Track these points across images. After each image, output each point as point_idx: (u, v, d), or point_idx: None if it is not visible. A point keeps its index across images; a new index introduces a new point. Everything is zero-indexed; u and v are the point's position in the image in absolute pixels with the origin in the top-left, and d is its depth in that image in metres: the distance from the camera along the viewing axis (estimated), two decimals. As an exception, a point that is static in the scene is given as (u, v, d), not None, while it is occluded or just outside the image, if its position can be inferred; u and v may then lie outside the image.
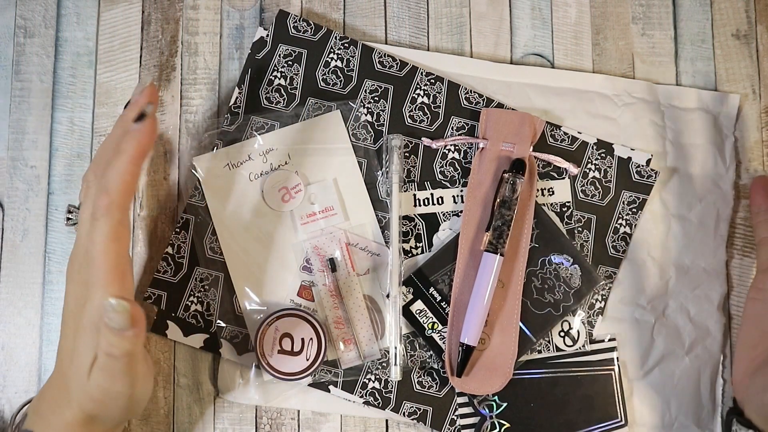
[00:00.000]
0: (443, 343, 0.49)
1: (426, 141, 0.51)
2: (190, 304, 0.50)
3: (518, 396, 0.50)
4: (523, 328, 0.49)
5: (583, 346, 0.50)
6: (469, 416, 0.49)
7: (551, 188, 0.51)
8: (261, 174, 0.51)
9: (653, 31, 0.55)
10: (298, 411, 0.50)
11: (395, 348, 0.48)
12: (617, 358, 0.51)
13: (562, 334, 0.50)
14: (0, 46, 0.54)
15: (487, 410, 0.49)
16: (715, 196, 0.53)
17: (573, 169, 0.51)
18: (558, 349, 0.50)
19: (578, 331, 0.50)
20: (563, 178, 0.52)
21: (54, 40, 0.54)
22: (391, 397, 0.50)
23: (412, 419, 0.49)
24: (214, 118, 0.53)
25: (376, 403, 0.49)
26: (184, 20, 0.55)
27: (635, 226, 0.52)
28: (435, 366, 0.50)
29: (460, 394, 0.49)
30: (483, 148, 0.50)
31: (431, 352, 0.50)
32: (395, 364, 0.48)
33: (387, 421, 0.50)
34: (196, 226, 0.51)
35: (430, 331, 0.49)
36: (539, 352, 0.50)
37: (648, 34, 0.55)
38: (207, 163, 0.51)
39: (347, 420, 0.50)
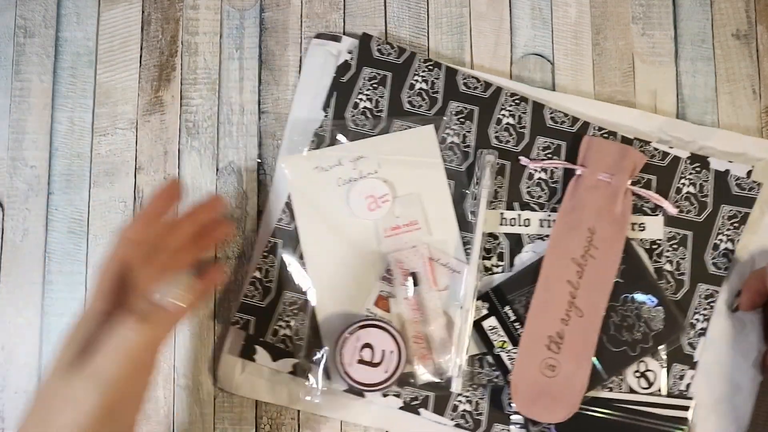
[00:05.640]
0: (511, 363, 0.48)
1: (524, 160, 0.50)
2: (278, 328, 0.49)
3: (576, 430, 0.47)
4: (596, 362, 0.47)
5: (659, 390, 0.48)
6: None
7: (642, 224, 0.50)
8: (349, 180, 0.50)
9: (653, 31, 0.55)
10: (298, 411, 0.50)
11: (458, 359, 0.47)
12: (690, 419, 0.48)
13: (638, 374, 0.48)
14: (0, 46, 0.54)
15: None
16: None
17: (671, 209, 0.49)
18: (631, 390, 0.48)
19: (656, 374, 0.48)
20: (656, 215, 0.50)
21: (54, 40, 0.54)
22: (482, 419, 0.48)
23: None
24: (306, 122, 0.52)
25: (467, 425, 0.48)
26: (184, 20, 0.55)
27: (737, 241, 0.50)
28: (500, 385, 0.49)
29: (515, 415, 0.48)
30: (580, 175, 0.49)
31: (499, 371, 0.49)
32: (457, 376, 0.47)
33: (387, 421, 0.50)
34: (283, 250, 0.50)
35: (499, 349, 0.48)
36: (610, 389, 0.48)
37: (648, 34, 0.55)
38: (296, 163, 0.51)
39: (347, 421, 0.50)
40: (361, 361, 0.47)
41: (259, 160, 0.53)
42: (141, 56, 0.54)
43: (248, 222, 0.52)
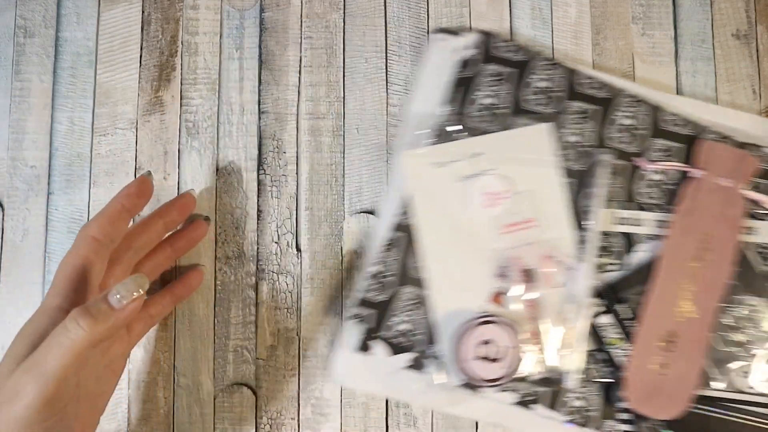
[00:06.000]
0: (624, 360, 0.49)
1: (639, 161, 0.51)
2: (396, 323, 0.50)
3: (685, 427, 0.48)
4: (706, 361, 0.48)
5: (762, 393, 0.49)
6: None
7: (753, 228, 0.50)
8: (467, 177, 0.51)
9: (653, 31, 0.55)
10: (298, 411, 0.50)
11: (575, 356, 0.48)
12: None
13: (746, 374, 0.49)
14: (0, 46, 0.54)
15: None
16: None
17: None
18: (739, 390, 0.49)
19: (764, 374, 0.49)
20: (767, 220, 0.51)
21: (54, 40, 0.54)
22: (594, 415, 0.49)
23: None
24: (426, 116, 0.52)
25: (579, 421, 0.49)
26: (184, 20, 0.55)
27: None
28: (612, 381, 0.49)
29: (625, 411, 0.49)
30: (697, 178, 0.50)
31: (611, 368, 0.49)
32: (573, 373, 0.48)
33: (387, 419, 0.50)
34: (404, 245, 0.50)
35: (612, 346, 0.49)
36: (718, 388, 0.49)
37: (648, 34, 0.55)
38: (415, 159, 0.51)
39: (347, 420, 0.50)
40: (481, 357, 0.47)
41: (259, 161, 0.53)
42: (141, 56, 0.54)
43: (248, 222, 0.52)
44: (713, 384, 0.49)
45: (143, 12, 0.55)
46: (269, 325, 0.51)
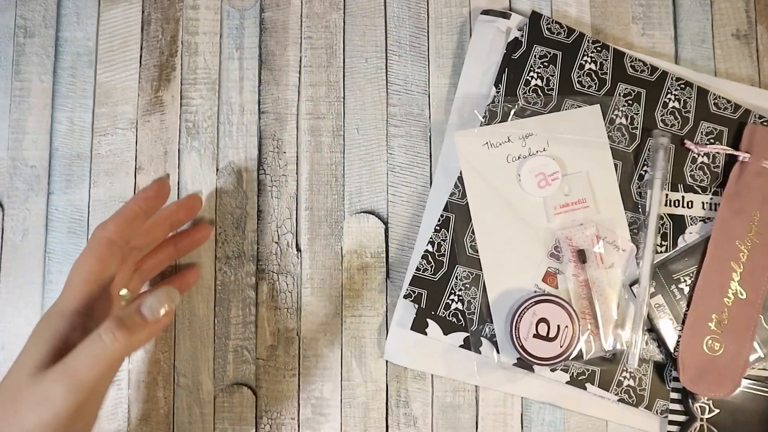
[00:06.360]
0: (676, 340, 0.49)
1: (689, 144, 0.52)
2: (450, 302, 0.50)
3: (734, 406, 0.49)
4: (757, 342, 0.49)
5: None
6: (678, 413, 0.50)
7: None
8: (519, 157, 0.51)
9: (653, 31, 0.55)
10: (298, 411, 0.50)
11: (635, 336, 0.49)
12: None
13: None
14: (0, 46, 0.54)
15: (699, 411, 0.49)
16: None
17: None
18: None
19: None
20: None
21: (54, 40, 0.54)
22: (645, 395, 0.49)
23: (663, 416, 0.49)
24: (483, 98, 0.52)
25: (630, 400, 0.49)
26: (184, 20, 0.55)
27: None
28: (662, 361, 0.50)
29: (675, 390, 0.50)
30: (744, 161, 0.51)
31: (663, 347, 0.50)
32: (634, 352, 0.49)
33: (387, 419, 0.51)
34: (456, 224, 0.51)
35: (663, 326, 0.50)
36: (766, 369, 0.50)
37: (648, 34, 0.55)
38: (467, 139, 0.51)
39: (347, 420, 0.51)
40: (537, 336, 0.48)
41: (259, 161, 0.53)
42: (141, 56, 0.54)
43: (248, 222, 0.52)
44: (764, 364, 0.50)
45: (143, 12, 0.55)
46: (269, 325, 0.51)
